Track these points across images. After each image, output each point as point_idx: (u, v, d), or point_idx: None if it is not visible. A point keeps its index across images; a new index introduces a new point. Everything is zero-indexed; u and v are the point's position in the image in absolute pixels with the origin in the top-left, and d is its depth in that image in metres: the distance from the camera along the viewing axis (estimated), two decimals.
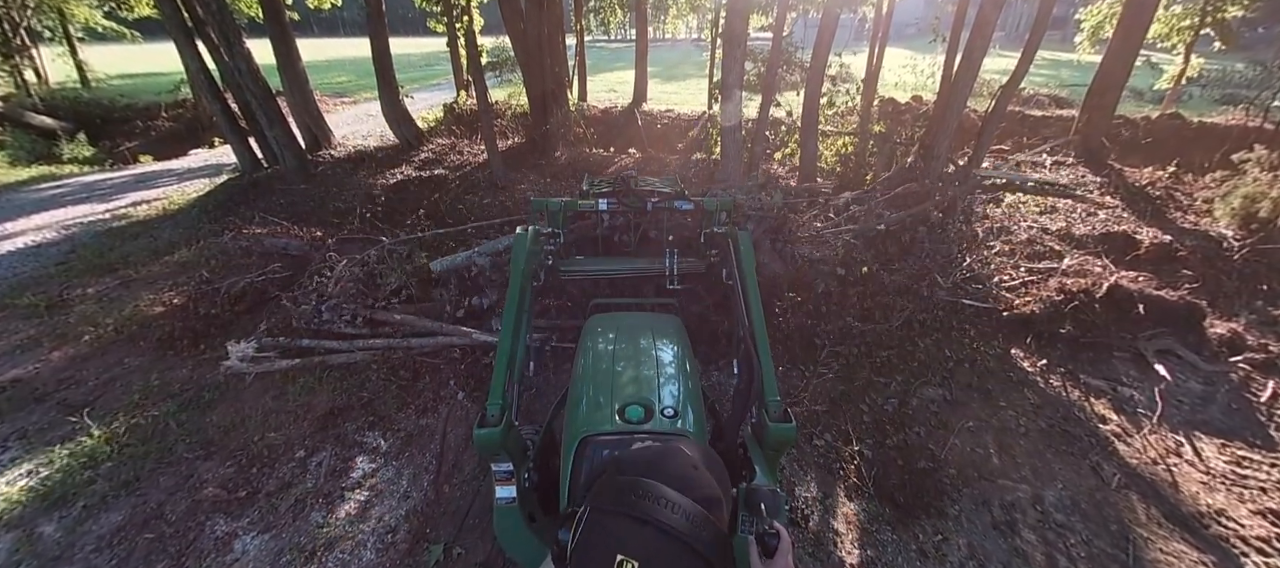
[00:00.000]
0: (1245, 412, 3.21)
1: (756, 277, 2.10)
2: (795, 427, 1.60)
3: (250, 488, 2.70)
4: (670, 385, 1.68)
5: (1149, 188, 6.29)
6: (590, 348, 1.93)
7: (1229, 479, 2.75)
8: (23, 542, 2.45)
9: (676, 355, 1.86)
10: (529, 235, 2.15)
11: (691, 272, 3.15)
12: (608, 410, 1.54)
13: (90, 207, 7.05)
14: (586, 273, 3.18)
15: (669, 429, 1.49)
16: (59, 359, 3.83)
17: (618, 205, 3.16)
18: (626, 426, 1.48)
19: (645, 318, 2.21)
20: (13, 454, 2.97)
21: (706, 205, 3.09)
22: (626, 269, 3.20)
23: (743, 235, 2.21)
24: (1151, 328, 3.79)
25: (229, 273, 4.63)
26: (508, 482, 1.60)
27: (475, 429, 1.53)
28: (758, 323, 1.84)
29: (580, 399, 1.67)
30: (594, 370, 1.78)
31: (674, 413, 1.53)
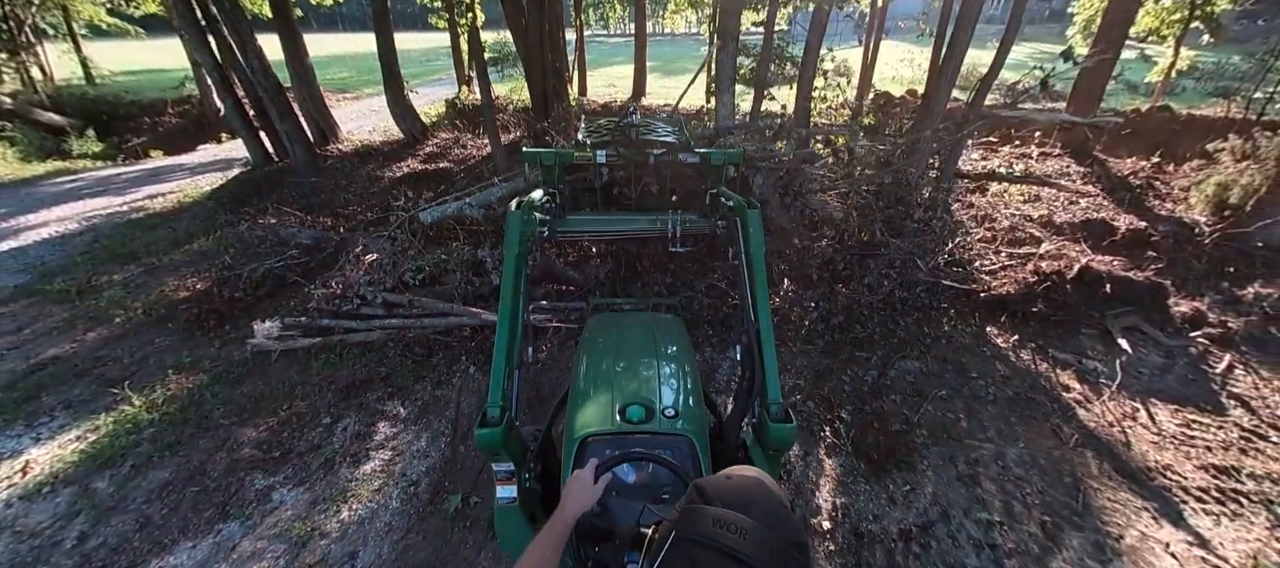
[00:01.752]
0: (1200, 381, 3.47)
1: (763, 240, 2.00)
2: (795, 427, 1.59)
3: (283, 449, 2.96)
4: (671, 385, 1.68)
5: (1131, 178, 6.52)
6: (591, 348, 1.93)
7: (1178, 439, 3.01)
8: (79, 496, 2.72)
9: (677, 355, 1.86)
10: (522, 212, 2.00)
11: (696, 232, 2.96)
12: (608, 410, 1.54)
13: (108, 200, 7.29)
14: (584, 233, 3.07)
15: (669, 429, 1.49)
16: (93, 339, 4.08)
17: (616, 157, 2.94)
18: (627, 425, 1.48)
19: (646, 318, 2.20)
20: (61, 422, 3.23)
21: (713, 159, 2.88)
22: (627, 227, 3.00)
23: (753, 215, 2.04)
24: (1119, 306, 4.04)
25: (249, 260, 4.88)
26: (509, 482, 1.59)
27: (476, 429, 1.52)
28: (764, 317, 1.75)
29: (581, 399, 1.67)
30: (595, 370, 1.78)
31: (675, 413, 1.53)
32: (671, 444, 1.45)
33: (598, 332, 2.05)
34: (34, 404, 3.37)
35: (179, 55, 18.03)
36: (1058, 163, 7.18)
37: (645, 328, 2.04)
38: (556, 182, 2.89)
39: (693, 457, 1.44)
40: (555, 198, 2.79)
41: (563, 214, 2.90)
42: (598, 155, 2.96)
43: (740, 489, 0.73)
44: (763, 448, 1.64)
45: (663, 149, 2.96)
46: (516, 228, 1.92)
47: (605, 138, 3.11)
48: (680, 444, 1.46)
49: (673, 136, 3.21)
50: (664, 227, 2.85)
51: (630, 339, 1.95)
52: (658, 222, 2.90)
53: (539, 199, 2.36)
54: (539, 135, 8.31)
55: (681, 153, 2.94)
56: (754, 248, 1.95)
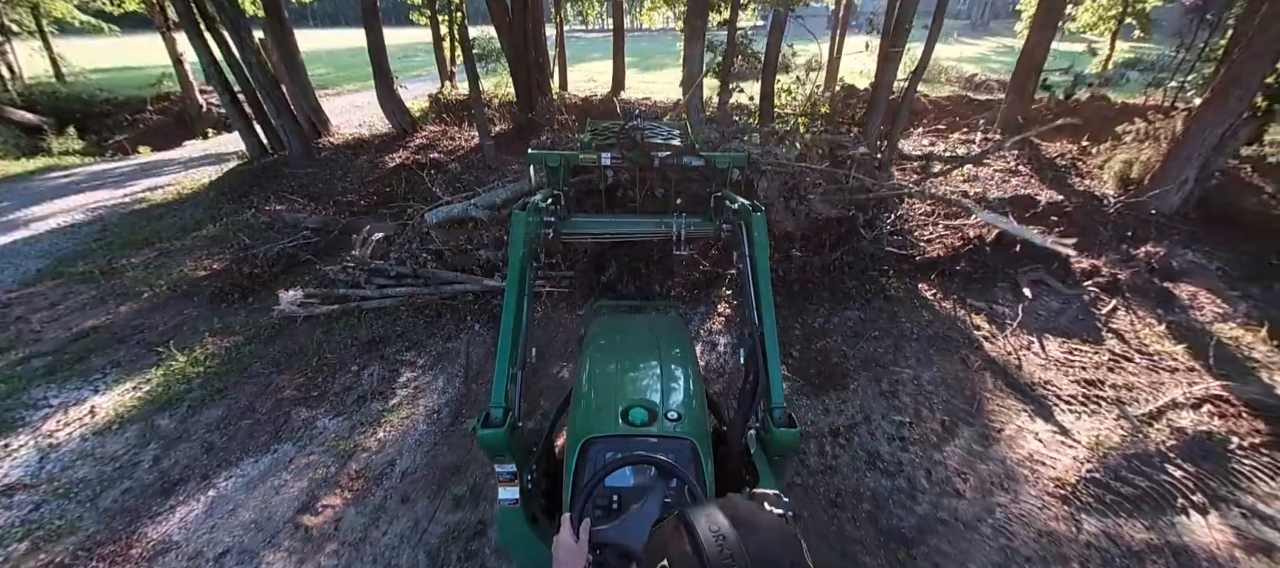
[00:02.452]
0: (1087, 321, 4.19)
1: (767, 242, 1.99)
2: (799, 432, 1.58)
3: (320, 390, 3.47)
4: (674, 388, 1.68)
5: (1057, 159, 7.32)
6: (594, 350, 1.92)
7: (1060, 362, 3.71)
8: (146, 430, 3.19)
9: (680, 358, 1.86)
10: (527, 214, 1.99)
11: (701, 235, 2.99)
12: (611, 413, 1.54)
13: (107, 192, 7.56)
14: (589, 235, 3.07)
15: (672, 432, 1.49)
16: (126, 311, 4.50)
17: (621, 159, 2.94)
18: (630, 428, 1.49)
19: (648, 320, 2.20)
20: (114, 377, 3.67)
21: (718, 162, 2.92)
22: (631, 229, 3.01)
23: (758, 219, 2.00)
24: (1028, 264, 4.76)
25: (262, 242, 5.31)
26: (511, 483, 1.60)
27: (479, 430, 1.51)
28: (768, 322, 1.73)
29: (583, 401, 1.67)
30: (597, 373, 1.78)
31: (677, 416, 1.53)
32: (674, 447, 1.45)
33: (600, 334, 2.04)
34: (85, 364, 3.80)
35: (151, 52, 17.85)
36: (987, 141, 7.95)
37: (647, 330, 2.03)
38: (561, 183, 2.87)
39: (695, 460, 1.44)
40: (560, 200, 2.77)
41: (567, 216, 2.89)
42: (602, 157, 2.92)
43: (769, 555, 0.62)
44: (766, 452, 1.64)
45: (668, 152, 2.95)
46: (521, 229, 1.91)
47: (610, 140, 3.06)
48: (683, 447, 1.46)
49: (678, 139, 3.18)
50: (668, 229, 2.81)
51: (632, 341, 1.95)
52: (662, 224, 2.86)
53: (543, 201, 2.36)
54: (524, 127, 8.80)
55: (686, 156, 2.93)
56: (758, 251, 1.92)
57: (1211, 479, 2.76)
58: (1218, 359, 3.66)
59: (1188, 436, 3.03)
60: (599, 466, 1.38)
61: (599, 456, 1.42)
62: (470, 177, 7.04)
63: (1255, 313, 4.22)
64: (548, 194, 2.57)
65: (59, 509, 2.67)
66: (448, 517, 2.57)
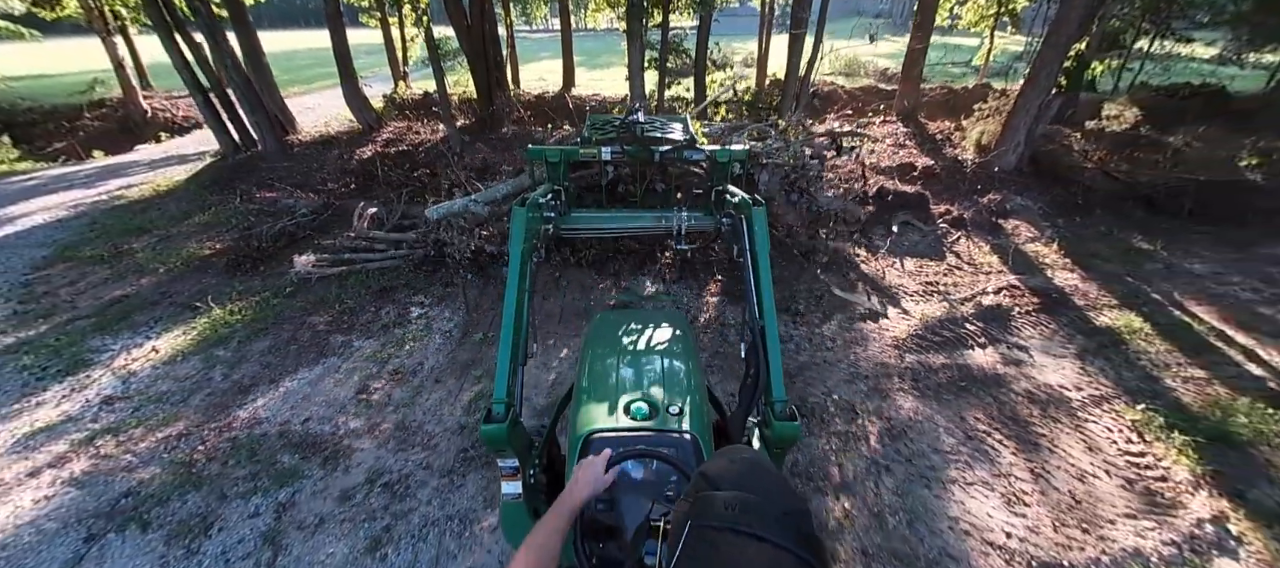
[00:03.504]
0: (937, 247, 5.59)
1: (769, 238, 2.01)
2: (800, 425, 1.60)
3: (348, 324, 4.31)
4: (675, 383, 1.69)
5: (937, 135, 8.93)
6: (595, 346, 1.95)
7: (913, 274, 5.06)
8: (208, 359, 3.94)
9: (681, 353, 1.87)
10: (527, 210, 2.01)
11: (701, 230, 2.95)
12: (613, 408, 1.56)
13: (79, 192, 7.82)
14: (589, 230, 3.02)
15: (674, 427, 1.51)
16: (148, 283, 5.11)
17: (622, 154, 2.91)
18: (632, 423, 1.51)
19: (650, 315, 2.22)
20: (162, 327, 4.36)
21: (718, 156, 2.91)
22: (632, 225, 2.97)
23: (758, 213, 2.03)
24: (901, 210, 6.16)
25: (261, 222, 5.97)
26: (513, 478, 1.62)
27: (482, 425, 1.54)
28: (769, 315, 1.76)
29: (585, 396, 1.68)
30: (599, 368, 1.80)
31: (679, 410, 1.55)
32: (676, 442, 1.46)
33: (601, 330, 2.07)
34: (129, 321, 4.45)
35: (67, 59, 17.10)
36: (891, 126, 9.53)
37: (649, 326, 2.05)
38: (561, 179, 2.84)
39: (697, 454, 1.45)
40: (560, 196, 2.74)
41: (568, 211, 2.86)
42: (603, 152, 2.90)
43: (743, 471, 0.76)
44: (767, 446, 1.68)
45: (669, 146, 2.94)
46: (521, 225, 1.93)
47: (610, 135, 3.05)
48: (685, 442, 1.47)
49: (678, 134, 3.17)
50: (669, 224, 2.80)
51: (634, 337, 1.96)
52: (663, 219, 2.84)
53: (544, 196, 2.35)
54: (485, 121, 9.62)
55: (687, 150, 2.93)
56: (759, 245, 1.95)
57: (994, 331, 4.12)
58: (1019, 265, 5.12)
59: (985, 308, 4.40)
60: None
61: (601, 450, 1.41)
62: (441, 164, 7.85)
63: (1054, 236, 5.77)
64: (548, 190, 2.56)
65: (157, 409, 3.43)
66: (472, 387, 3.54)
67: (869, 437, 3.07)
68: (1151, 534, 2.46)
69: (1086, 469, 2.84)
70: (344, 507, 2.67)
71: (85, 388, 3.64)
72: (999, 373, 3.64)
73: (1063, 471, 2.83)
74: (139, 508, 2.68)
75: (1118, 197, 6.60)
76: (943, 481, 2.78)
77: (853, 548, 2.41)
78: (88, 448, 3.09)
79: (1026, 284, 4.81)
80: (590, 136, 3.14)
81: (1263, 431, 3.01)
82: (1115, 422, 3.17)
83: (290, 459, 2.98)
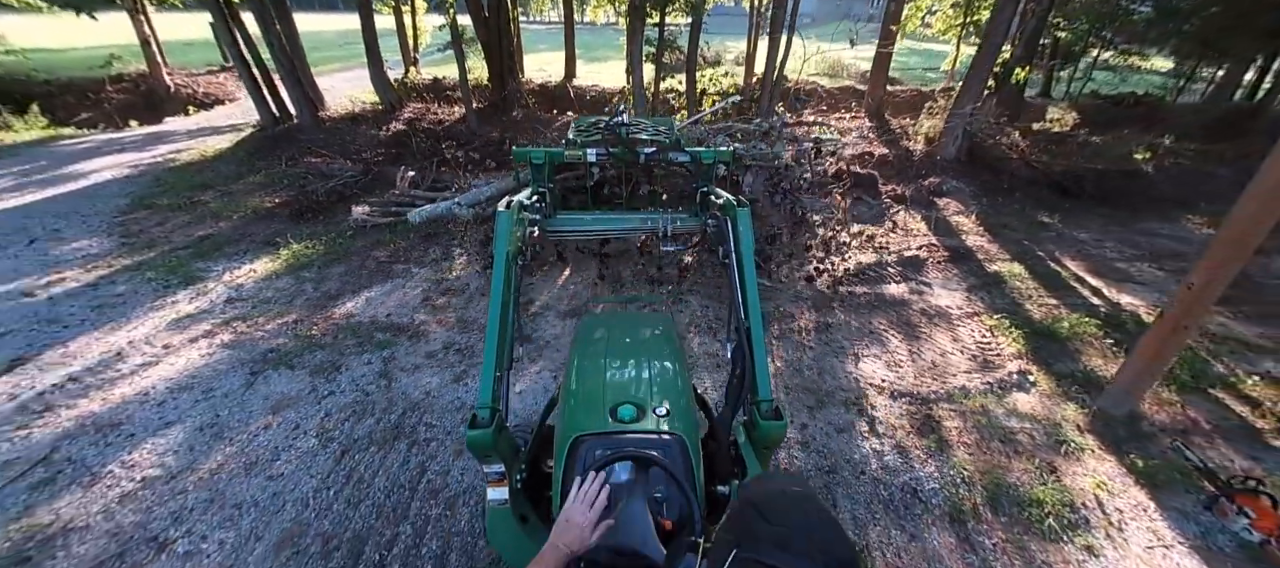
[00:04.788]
0: (880, 216, 6.82)
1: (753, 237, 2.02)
2: (786, 424, 1.63)
3: (404, 259, 5.40)
4: (662, 385, 1.71)
5: (897, 129, 10.19)
6: (582, 348, 1.94)
7: (860, 236, 6.27)
8: (297, 279, 5.00)
9: (668, 355, 1.88)
10: (512, 212, 2.00)
11: (687, 231, 2.98)
12: (600, 410, 1.56)
13: (133, 155, 8.74)
14: (575, 232, 3.00)
15: (661, 429, 1.51)
16: (226, 226, 6.13)
17: (607, 156, 2.91)
18: (619, 425, 1.51)
19: (637, 318, 2.21)
20: (251, 257, 5.40)
21: (704, 158, 2.93)
22: (617, 226, 2.96)
23: (743, 214, 2.07)
24: (856, 189, 7.38)
25: (312, 182, 7.00)
26: (500, 484, 1.62)
27: (466, 431, 1.53)
28: (754, 315, 1.78)
29: (572, 399, 1.70)
30: (586, 371, 1.80)
31: (666, 412, 1.55)
32: (663, 444, 1.47)
33: (588, 332, 2.08)
34: (222, 251, 5.49)
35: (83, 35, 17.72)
36: (859, 122, 10.78)
37: (636, 328, 2.07)
38: (546, 180, 2.82)
39: (685, 456, 1.46)
40: (545, 197, 2.73)
41: (553, 213, 2.85)
42: (588, 153, 2.89)
43: (792, 505, 0.75)
44: (753, 445, 1.68)
45: (653, 148, 2.95)
46: (506, 227, 1.93)
47: (595, 136, 3.08)
48: (672, 444, 1.48)
49: (664, 135, 3.19)
50: (655, 226, 2.79)
51: (621, 340, 1.98)
52: (648, 221, 2.83)
53: (529, 198, 2.34)
54: (497, 105, 10.67)
55: (672, 152, 2.93)
56: (743, 246, 1.97)
57: (908, 273, 5.34)
58: (941, 230, 6.37)
59: (906, 258, 5.63)
60: (588, 463, 1.40)
61: (588, 453, 1.43)
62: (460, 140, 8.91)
63: (976, 211, 7.03)
64: (533, 191, 2.56)
65: (270, 306, 4.51)
66: None
67: (800, 331, 4.27)
68: (977, 377, 3.69)
69: (948, 349, 4.07)
70: (430, 360, 3.79)
71: (207, 294, 4.69)
72: (905, 298, 4.87)
73: (931, 350, 4.06)
74: (282, 359, 3.77)
75: (1035, 183, 7.90)
76: (846, 354, 3.98)
77: (778, 385, 3.60)
78: (227, 327, 4.17)
79: (943, 243, 6.06)
80: (576, 139, 3.14)
81: (1078, 332, 4.26)
82: (978, 326, 4.40)
83: (383, 336, 4.08)
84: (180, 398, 3.39)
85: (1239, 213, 2.77)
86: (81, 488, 2.75)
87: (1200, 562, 2.50)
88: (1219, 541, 2.60)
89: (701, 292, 4.87)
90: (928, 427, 3.28)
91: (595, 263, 4.99)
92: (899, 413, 3.40)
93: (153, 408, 3.30)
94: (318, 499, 2.69)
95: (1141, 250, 5.99)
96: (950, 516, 2.70)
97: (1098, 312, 4.65)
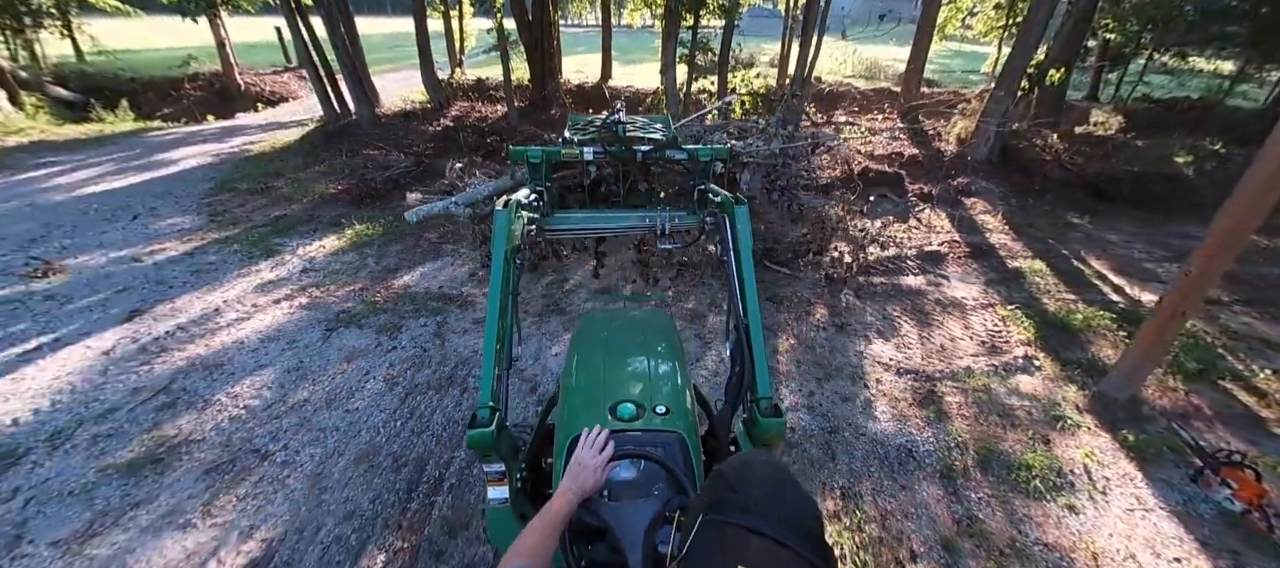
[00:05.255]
0: (906, 214, 6.97)
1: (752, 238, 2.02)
2: (785, 421, 1.64)
3: (453, 239, 5.93)
4: (662, 383, 1.71)
5: (929, 130, 10.23)
6: (581, 347, 1.97)
7: (882, 229, 6.46)
8: (360, 255, 5.60)
9: (667, 353, 1.89)
10: (510, 210, 2.00)
11: (684, 229, 2.98)
12: (600, 409, 1.57)
13: (213, 146, 9.69)
14: (572, 231, 3.05)
15: (661, 426, 1.52)
16: (298, 209, 6.83)
17: (604, 154, 2.96)
18: (618, 423, 1.51)
19: (636, 315, 2.23)
20: (320, 236, 6.04)
21: (701, 155, 2.97)
22: (615, 225, 2.99)
23: (740, 211, 2.06)
24: (881, 186, 7.54)
25: (373, 171, 7.67)
26: (500, 483, 1.63)
27: (468, 431, 1.53)
28: (753, 311, 1.77)
29: (572, 397, 1.71)
30: (585, 369, 1.83)
31: (666, 410, 1.56)
32: (663, 441, 1.48)
33: (587, 330, 2.09)
34: (295, 230, 6.16)
35: (165, 37, 19.33)
36: (891, 123, 10.84)
37: (635, 326, 2.09)
38: (543, 179, 2.87)
39: (684, 453, 1.47)
40: (542, 196, 2.77)
41: (550, 212, 2.90)
42: (585, 152, 2.94)
43: (759, 474, 0.79)
44: (753, 443, 1.69)
45: (650, 146, 2.99)
46: (503, 226, 1.95)
47: (591, 135, 3.13)
48: (671, 441, 1.49)
49: (660, 134, 3.22)
50: (652, 224, 2.82)
51: (620, 338, 1.99)
52: (645, 219, 2.85)
53: (526, 197, 2.41)
54: (538, 104, 11.24)
55: (669, 149, 2.98)
56: (741, 243, 1.99)
57: (927, 266, 5.52)
58: (965, 228, 6.49)
59: (926, 252, 5.81)
60: None
61: None
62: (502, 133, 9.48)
63: (1004, 211, 7.09)
64: (531, 190, 2.62)
65: (338, 276, 5.09)
66: (543, 282, 5.11)
67: (814, 314, 4.54)
68: (983, 360, 3.90)
69: (958, 335, 4.27)
70: (476, 326, 4.27)
71: (284, 264, 5.33)
72: (921, 289, 5.07)
73: (941, 335, 4.27)
74: (351, 319, 4.32)
75: (1069, 185, 7.86)
76: (857, 335, 4.24)
77: (789, 360, 3.90)
78: (304, 293, 4.77)
79: (966, 240, 6.19)
80: (573, 137, 3.22)
81: (1090, 324, 4.38)
82: (991, 316, 4.58)
83: (436, 304, 4.59)
84: (269, 347, 3.97)
85: (1234, 203, 2.93)
86: (196, 411, 3.32)
87: (1178, 525, 2.69)
88: (1200, 508, 2.77)
89: (700, 293, 5.16)
90: (929, 400, 3.53)
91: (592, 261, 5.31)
92: (903, 387, 3.66)
93: (248, 353, 3.88)
94: (387, 428, 3.17)
95: (1172, 251, 5.96)
96: (941, 473, 2.96)
97: (1115, 306, 4.74)
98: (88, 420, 3.22)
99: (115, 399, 3.41)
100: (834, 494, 2.82)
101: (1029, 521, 2.70)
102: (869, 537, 2.58)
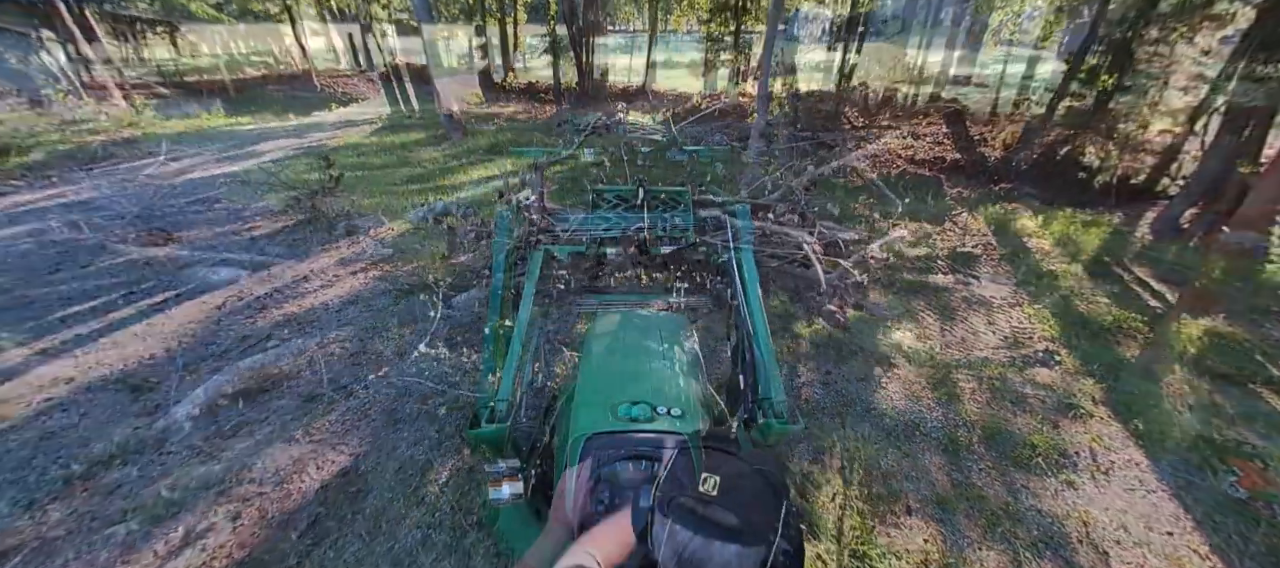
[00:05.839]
0: (942, 214, 7.02)
1: None
2: (788, 425, 1.62)
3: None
4: (674, 384, 1.70)
5: (975, 136, 10.10)
6: (594, 346, 1.97)
7: (915, 231, 6.56)
8: (421, 236, 6.22)
9: (681, 354, 1.89)
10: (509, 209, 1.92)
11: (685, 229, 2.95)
12: (610, 409, 1.56)
13: (295, 141, 10.75)
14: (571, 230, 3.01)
15: (671, 428, 1.51)
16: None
17: (604, 155, 2.95)
18: (628, 424, 1.51)
19: (650, 317, 2.25)
20: (388, 220, 6.73)
21: (701, 156, 2.93)
22: (614, 224, 2.98)
23: (741, 211, 1.98)
24: (916, 188, 7.60)
25: None
26: (514, 480, 1.63)
27: (467, 431, 1.55)
28: (756, 314, 1.74)
29: (582, 396, 1.69)
30: (598, 368, 1.83)
31: (679, 412, 1.56)
32: (673, 444, 1.45)
33: (600, 330, 2.09)
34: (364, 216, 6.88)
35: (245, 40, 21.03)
36: (934, 127, 10.76)
37: (649, 327, 2.08)
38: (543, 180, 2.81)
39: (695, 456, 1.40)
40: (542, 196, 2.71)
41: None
42: (585, 153, 2.91)
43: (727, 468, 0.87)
44: (755, 446, 1.68)
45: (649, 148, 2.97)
46: (506, 225, 1.90)
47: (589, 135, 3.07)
48: (682, 444, 1.43)
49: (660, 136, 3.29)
50: (653, 224, 2.82)
51: (633, 338, 1.98)
52: (646, 220, 2.87)
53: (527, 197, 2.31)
54: (582, 101, 11.83)
55: (670, 151, 2.92)
56: (742, 244, 1.93)
57: (957, 266, 5.62)
58: (1001, 231, 6.50)
59: (958, 253, 5.89)
60: (598, 461, 1.40)
61: (598, 451, 1.42)
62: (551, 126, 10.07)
63: (1041, 212, 7.03)
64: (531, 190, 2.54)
65: (406, 254, 5.71)
66: None
67: (842, 307, 4.77)
68: (1002, 352, 4.04)
69: (980, 330, 4.41)
70: None
71: (359, 244, 6.01)
72: (949, 287, 5.19)
73: (963, 329, 4.42)
74: (414, 288, 4.89)
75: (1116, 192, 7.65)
76: (881, 326, 4.44)
77: (814, 344, 4.16)
78: (375, 267, 5.40)
79: (1001, 243, 6.21)
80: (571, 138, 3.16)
81: (1121, 325, 4.41)
82: (1017, 314, 4.67)
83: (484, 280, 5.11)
84: (350, 309, 4.58)
85: (1255, 199, 3.02)
86: (292, 355, 3.93)
87: (1177, 506, 2.81)
88: (1200, 493, 2.87)
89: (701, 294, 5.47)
90: (942, 384, 3.72)
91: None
92: (918, 371, 3.86)
93: (333, 313, 4.51)
94: (447, 379, 3.67)
95: None
96: (945, 446, 3.17)
97: (1151, 310, 4.72)
98: (208, 359, 3.88)
99: (227, 344, 4.07)
100: (838, 454, 3.09)
101: (1026, 491, 2.88)
102: (870, 492, 2.84)
